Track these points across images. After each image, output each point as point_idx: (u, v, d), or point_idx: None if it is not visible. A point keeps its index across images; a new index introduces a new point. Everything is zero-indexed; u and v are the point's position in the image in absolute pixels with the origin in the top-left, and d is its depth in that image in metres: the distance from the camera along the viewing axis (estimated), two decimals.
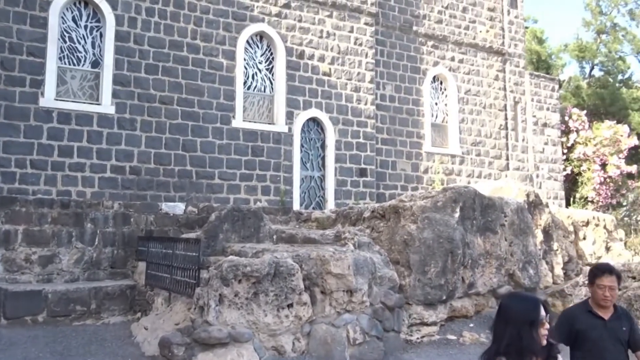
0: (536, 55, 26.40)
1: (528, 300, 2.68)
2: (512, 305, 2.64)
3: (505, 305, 2.66)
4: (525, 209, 11.38)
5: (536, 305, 2.60)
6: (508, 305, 2.66)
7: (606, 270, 3.96)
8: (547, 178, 18.81)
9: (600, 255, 14.81)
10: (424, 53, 17.00)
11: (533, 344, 2.53)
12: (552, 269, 12.93)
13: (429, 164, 16.54)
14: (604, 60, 27.65)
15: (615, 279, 3.95)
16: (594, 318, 3.96)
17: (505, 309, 2.64)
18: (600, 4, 28.08)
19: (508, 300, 2.71)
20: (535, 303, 2.62)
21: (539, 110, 19.12)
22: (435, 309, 8.60)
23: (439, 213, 9.04)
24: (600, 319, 3.95)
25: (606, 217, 15.74)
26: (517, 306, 2.62)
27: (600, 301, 3.95)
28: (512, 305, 2.64)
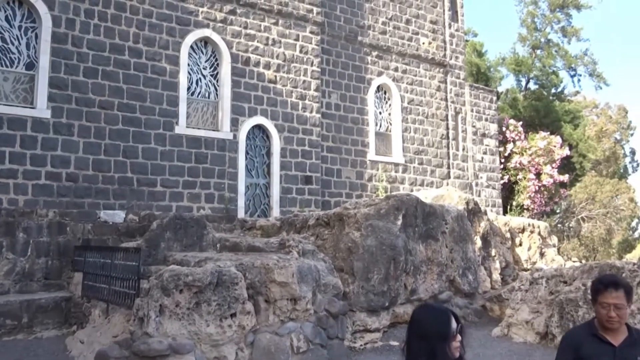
0: (476, 67, 27.37)
1: (440, 313, 2.59)
2: (424, 318, 2.56)
3: (418, 319, 2.58)
4: (465, 217, 11.74)
5: (448, 318, 2.53)
6: (420, 318, 2.57)
7: (610, 284, 3.22)
8: (485, 186, 19.49)
9: (535, 261, 15.45)
10: (368, 63, 17.29)
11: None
12: (490, 274, 13.36)
13: (373, 172, 16.79)
14: (539, 74, 28.98)
15: (622, 294, 3.19)
16: (601, 344, 3.23)
17: (418, 323, 2.55)
18: (535, 21, 29.47)
19: (420, 314, 2.61)
20: (447, 315, 2.55)
21: (478, 121, 19.82)
22: (379, 316, 8.70)
23: (382, 220, 9.18)
24: (608, 345, 3.21)
25: (540, 224, 16.44)
26: (430, 319, 2.53)
27: (605, 323, 3.21)
28: (425, 318, 2.56)
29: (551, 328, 8.69)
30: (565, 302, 8.55)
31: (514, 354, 8.27)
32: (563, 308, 8.54)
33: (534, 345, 8.78)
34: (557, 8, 28.45)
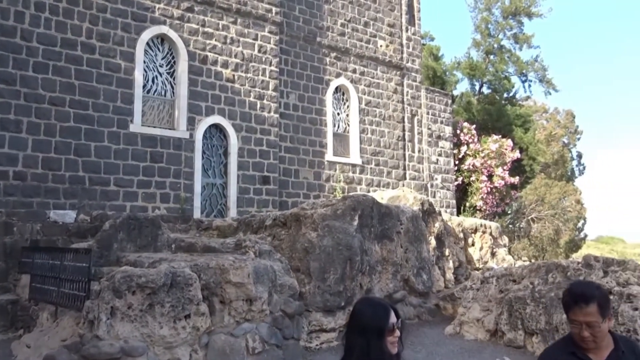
0: (432, 71, 27.92)
1: (377, 306, 2.50)
2: (362, 311, 2.46)
3: (356, 312, 2.48)
4: (420, 217, 11.96)
5: (386, 312, 2.45)
6: (358, 312, 2.48)
7: (580, 298, 2.72)
8: (440, 187, 19.91)
9: (487, 260, 15.88)
10: (327, 64, 17.39)
11: (382, 356, 2.38)
12: (444, 273, 13.66)
13: (330, 172, 16.89)
14: (492, 79, 29.82)
15: (595, 309, 2.68)
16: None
17: (356, 316, 2.46)
18: (489, 27, 30.29)
19: (358, 307, 2.52)
20: (385, 309, 2.47)
21: (434, 123, 20.23)
22: (334, 316, 8.77)
23: (339, 221, 9.26)
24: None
25: (492, 225, 16.92)
26: (367, 313, 2.44)
27: (579, 342, 2.77)
28: (363, 311, 2.46)
29: (501, 325, 8.96)
30: (514, 300, 8.83)
31: (465, 351, 8.48)
32: (512, 306, 8.82)
33: (484, 343, 9.03)
34: (509, 15, 29.34)
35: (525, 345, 8.51)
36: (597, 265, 8.46)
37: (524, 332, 8.55)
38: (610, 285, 7.78)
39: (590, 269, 8.46)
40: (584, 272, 8.42)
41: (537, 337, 8.31)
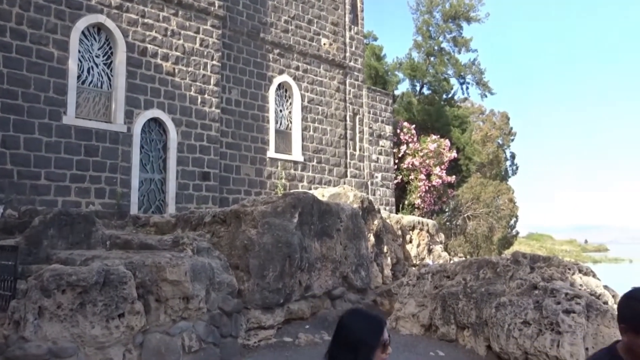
0: (375, 70, 28.35)
1: (370, 319, 2.32)
2: (353, 325, 2.28)
3: (346, 326, 2.29)
4: (359, 215, 12.15)
5: (379, 326, 2.30)
6: (348, 325, 2.28)
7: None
8: (380, 185, 20.29)
9: (424, 257, 16.34)
10: (270, 60, 17.33)
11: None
12: (382, 270, 13.94)
13: (272, 169, 16.87)
14: (432, 80, 30.63)
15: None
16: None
17: (346, 330, 2.27)
18: (429, 29, 31.08)
19: (349, 320, 2.32)
20: (379, 323, 2.32)
21: (375, 122, 20.57)
22: (273, 313, 8.78)
23: (279, 218, 9.27)
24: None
25: (429, 222, 17.41)
26: (358, 327, 2.26)
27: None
28: (353, 325, 2.27)
29: (435, 320, 9.26)
30: (448, 296, 9.15)
31: (401, 346, 8.71)
32: (445, 301, 9.13)
33: (419, 337, 9.31)
34: (449, 19, 30.20)
35: (457, 338, 8.84)
36: (525, 261, 8.89)
37: (456, 327, 8.88)
38: (536, 280, 8.20)
39: (518, 265, 8.88)
40: (513, 268, 8.83)
41: (468, 330, 8.65)
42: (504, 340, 7.61)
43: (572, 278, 8.31)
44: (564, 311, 7.19)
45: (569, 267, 8.61)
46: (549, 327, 7.20)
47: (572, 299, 7.35)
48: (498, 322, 7.81)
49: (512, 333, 7.51)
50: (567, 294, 7.44)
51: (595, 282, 8.34)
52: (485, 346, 8.21)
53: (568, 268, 8.58)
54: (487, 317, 8.15)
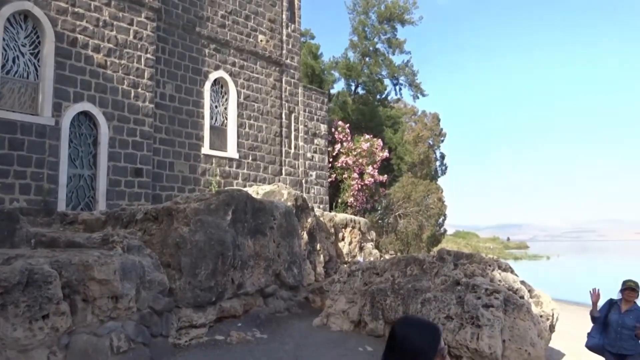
0: (311, 69, 28.58)
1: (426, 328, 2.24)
2: (408, 335, 2.18)
3: (401, 335, 2.19)
4: (293, 213, 12.30)
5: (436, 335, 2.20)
6: (405, 335, 2.18)
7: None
8: (315, 184, 20.54)
9: (355, 254, 16.74)
10: (206, 55, 17.12)
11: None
12: (314, 267, 14.18)
13: (207, 166, 16.70)
14: (367, 81, 31.25)
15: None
16: None
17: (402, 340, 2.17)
18: (365, 30, 31.67)
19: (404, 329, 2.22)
20: (436, 332, 2.22)
21: (310, 121, 20.79)
22: (205, 311, 8.77)
23: (212, 216, 9.26)
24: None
25: (361, 220, 17.84)
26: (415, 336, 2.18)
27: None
28: (409, 335, 2.18)
29: (364, 316, 9.56)
30: (377, 292, 9.47)
31: (331, 341, 8.94)
32: (374, 297, 9.45)
33: (349, 333, 9.58)
34: (384, 20, 30.90)
35: (385, 334, 9.17)
36: (449, 258, 9.36)
37: (384, 322, 9.21)
38: (459, 276, 8.66)
39: (443, 262, 9.33)
40: (438, 265, 9.28)
41: None
42: None
43: (492, 274, 8.83)
44: (484, 306, 7.65)
45: (490, 264, 9.14)
46: (469, 321, 7.64)
47: (491, 294, 7.83)
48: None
49: None
50: (487, 290, 7.92)
51: (513, 278, 8.90)
52: None
53: (489, 265, 9.12)
54: (413, 312, 8.52)
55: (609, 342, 6.47)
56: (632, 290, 6.39)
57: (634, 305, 6.41)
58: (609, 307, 6.54)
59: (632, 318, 6.30)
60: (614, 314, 6.46)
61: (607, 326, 6.47)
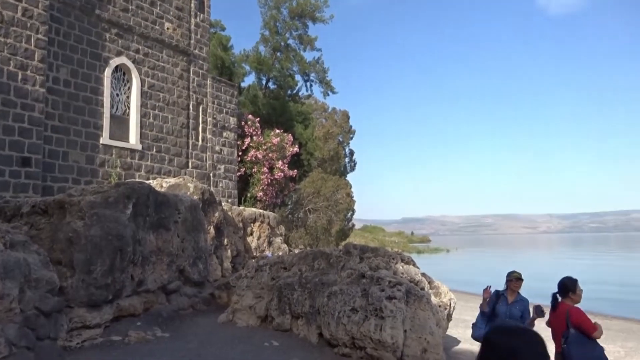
0: (221, 61, 27.93)
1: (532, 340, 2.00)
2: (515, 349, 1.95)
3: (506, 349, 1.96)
4: (199, 207, 11.89)
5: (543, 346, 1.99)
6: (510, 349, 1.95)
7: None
8: (223, 177, 20.07)
9: (264, 249, 16.55)
10: (106, 40, 16.12)
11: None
12: (221, 263, 13.84)
13: (106, 157, 15.74)
14: (278, 75, 31.08)
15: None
16: None
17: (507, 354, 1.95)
18: (277, 25, 31.47)
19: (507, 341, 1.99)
20: (542, 343, 1.99)
21: (219, 113, 20.27)
22: (100, 310, 8.22)
23: (110, 209, 8.69)
24: None
25: (270, 215, 17.68)
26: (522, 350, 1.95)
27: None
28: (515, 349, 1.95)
29: (271, 311, 9.42)
30: (284, 287, 9.36)
31: (237, 338, 8.71)
32: (281, 292, 9.33)
33: (255, 328, 9.40)
34: (296, 16, 30.88)
35: (292, 328, 9.09)
36: (355, 252, 9.45)
37: (291, 316, 9.13)
38: (364, 270, 8.75)
39: (349, 256, 9.40)
40: (344, 259, 9.33)
41: (302, 320, 8.94)
42: (334, 327, 8.00)
43: (395, 267, 9.02)
44: (387, 297, 7.77)
45: (393, 257, 9.34)
46: (373, 313, 7.73)
47: (394, 286, 7.97)
48: (329, 310, 8.18)
49: (342, 320, 7.92)
50: (390, 282, 8.05)
51: (414, 270, 9.15)
52: (317, 334, 8.56)
53: (392, 258, 9.31)
54: (319, 306, 8.50)
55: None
56: (517, 280, 6.68)
57: (519, 296, 6.71)
58: (497, 299, 6.75)
59: (519, 309, 6.60)
60: (501, 305, 6.68)
61: (494, 317, 6.67)
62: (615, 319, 18.60)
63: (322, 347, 8.31)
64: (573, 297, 5.80)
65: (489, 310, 6.73)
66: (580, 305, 5.99)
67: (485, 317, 6.81)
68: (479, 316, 6.94)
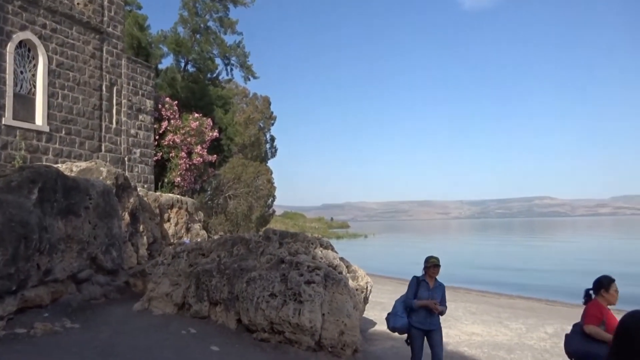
0: (137, 41, 26.74)
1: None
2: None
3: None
4: (112, 192, 11.44)
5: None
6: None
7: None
8: (139, 162, 19.35)
9: (182, 235, 16.21)
10: (9, 12, 14.95)
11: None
12: (137, 250, 13.43)
13: (9, 139, 14.68)
14: (197, 58, 30.24)
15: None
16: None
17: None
18: (196, 6, 30.56)
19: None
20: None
21: (135, 95, 19.47)
22: (2, 302, 7.71)
23: (13, 194, 8.15)
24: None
25: (188, 201, 17.32)
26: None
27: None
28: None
29: (188, 298, 9.27)
30: (202, 273, 9.24)
31: (152, 326, 8.51)
32: (199, 279, 9.21)
33: (172, 316, 9.22)
34: None
35: (210, 315, 9.01)
36: (275, 237, 9.49)
37: (209, 303, 9.04)
38: (284, 255, 8.82)
39: (269, 241, 9.43)
40: (264, 244, 9.35)
41: (220, 306, 8.88)
42: (253, 312, 8.02)
43: (314, 252, 9.16)
44: (306, 282, 7.90)
45: (312, 242, 9.47)
46: (292, 298, 7.83)
47: (312, 270, 8.10)
48: (248, 296, 8.19)
49: (260, 305, 7.96)
50: (309, 267, 8.17)
51: (333, 255, 9.34)
52: (236, 320, 8.54)
53: (311, 243, 9.44)
54: (238, 292, 8.48)
55: (418, 320, 6.56)
56: (435, 267, 6.69)
57: (437, 282, 6.78)
58: (418, 285, 6.65)
59: (439, 294, 6.67)
60: (424, 291, 6.60)
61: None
62: (520, 298, 20.02)
63: (240, 333, 8.31)
64: (605, 295, 5.46)
65: (412, 297, 6.61)
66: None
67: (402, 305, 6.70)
68: (399, 305, 6.75)
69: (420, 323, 6.59)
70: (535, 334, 11.37)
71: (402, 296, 6.84)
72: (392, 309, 6.79)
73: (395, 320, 6.64)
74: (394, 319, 6.66)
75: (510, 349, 9.76)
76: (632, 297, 18.06)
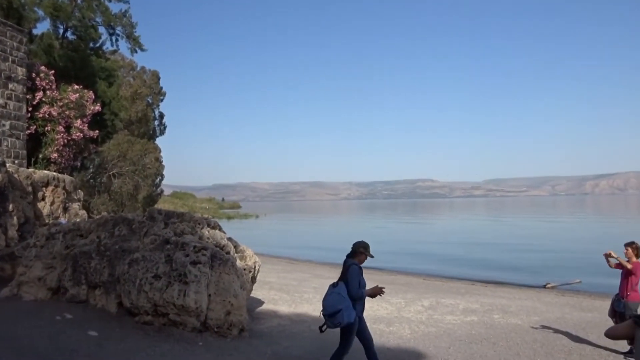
0: (7, 1, 24.20)
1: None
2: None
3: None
4: None
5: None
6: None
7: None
8: (8, 135, 17.68)
9: (58, 216, 15.16)
10: None
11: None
12: (5, 231, 12.42)
13: None
14: (78, 25, 27.99)
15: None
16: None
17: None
18: None
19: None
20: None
21: (4, 62, 17.68)
22: None
23: None
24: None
25: (66, 178, 16.20)
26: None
27: None
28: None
29: (64, 282, 8.74)
30: (80, 255, 8.74)
31: (22, 313, 7.93)
32: (77, 261, 8.70)
33: (45, 302, 8.65)
34: None
35: (88, 299, 8.57)
36: (160, 217, 9.19)
37: (87, 287, 8.59)
38: (169, 235, 8.58)
39: (153, 222, 9.11)
40: (148, 225, 9.02)
41: (99, 290, 8.48)
42: (135, 295, 7.74)
43: (201, 232, 9.01)
44: (191, 263, 7.76)
45: (199, 222, 9.30)
46: (177, 279, 7.66)
47: (199, 251, 7.98)
48: (130, 278, 7.88)
49: (143, 287, 7.70)
50: (195, 247, 8.04)
51: (220, 235, 9.25)
52: (116, 303, 8.20)
53: (198, 223, 9.27)
54: (119, 274, 8.13)
55: (361, 309, 6.19)
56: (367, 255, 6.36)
57: None
58: (361, 272, 6.21)
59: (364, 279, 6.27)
60: (362, 279, 6.19)
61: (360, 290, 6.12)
62: (400, 274, 21.20)
63: (121, 317, 8.00)
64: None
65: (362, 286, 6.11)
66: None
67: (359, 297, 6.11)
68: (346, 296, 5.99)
69: (361, 311, 6.23)
70: (413, 307, 12.12)
71: (338, 287, 6.05)
72: (343, 302, 5.93)
73: (349, 315, 5.91)
74: (348, 312, 5.90)
75: (390, 321, 10.34)
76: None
